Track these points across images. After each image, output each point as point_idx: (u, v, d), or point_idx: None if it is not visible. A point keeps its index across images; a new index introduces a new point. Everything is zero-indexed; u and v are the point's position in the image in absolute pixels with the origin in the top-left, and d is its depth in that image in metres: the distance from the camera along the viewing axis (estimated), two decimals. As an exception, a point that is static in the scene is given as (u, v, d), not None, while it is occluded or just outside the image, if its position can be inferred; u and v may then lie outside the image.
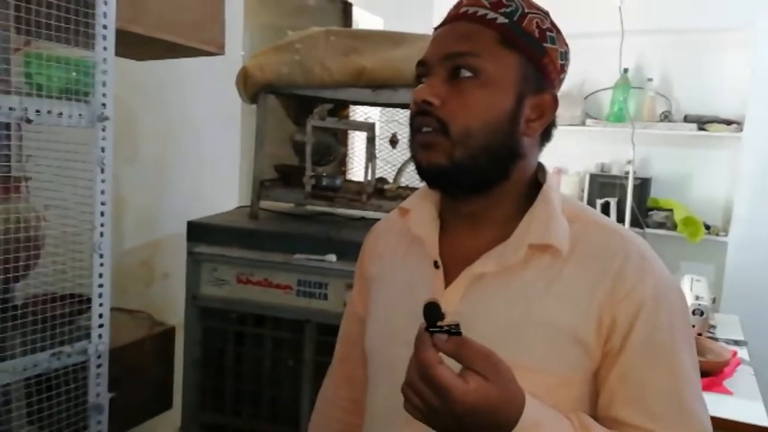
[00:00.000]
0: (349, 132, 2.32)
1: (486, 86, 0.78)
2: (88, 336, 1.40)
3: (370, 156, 1.68)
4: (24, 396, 1.42)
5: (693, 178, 3.75)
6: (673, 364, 0.77)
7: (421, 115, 0.80)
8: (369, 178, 1.70)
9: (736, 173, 3.56)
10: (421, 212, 0.90)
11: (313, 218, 1.84)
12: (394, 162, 1.88)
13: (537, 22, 0.81)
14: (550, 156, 0.88)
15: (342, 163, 2.33)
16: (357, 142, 2.53)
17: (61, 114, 1.22)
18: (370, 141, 1.66)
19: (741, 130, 3.49)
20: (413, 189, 1.87)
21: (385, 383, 0.86)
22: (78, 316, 1.43)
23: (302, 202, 1.70)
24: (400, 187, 1.80)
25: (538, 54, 0.81)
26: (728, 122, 3.55)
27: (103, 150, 1.31)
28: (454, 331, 0.65)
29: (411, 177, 1.99)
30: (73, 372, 1.40)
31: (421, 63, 0.83)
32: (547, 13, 0.83)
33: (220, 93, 2.28)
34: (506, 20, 0.79)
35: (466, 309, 0.81)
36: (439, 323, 0.66)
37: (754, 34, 3.38)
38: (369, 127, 1.67)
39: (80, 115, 1.25)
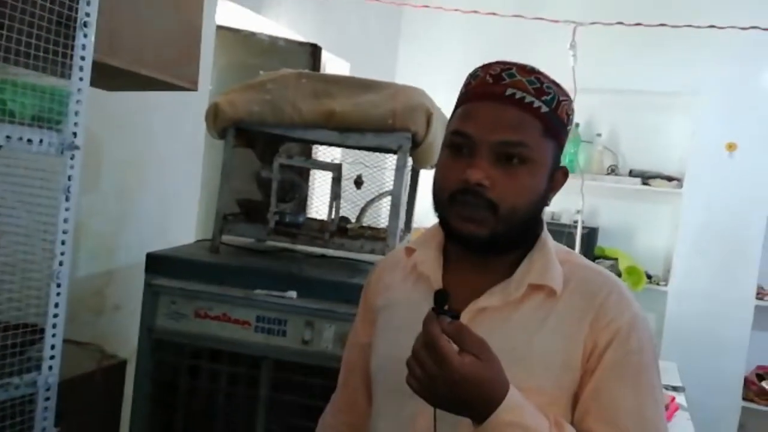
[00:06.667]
0: (311, 171, 2.35)
1: (532, 172, 0.89)
2: (38, 367, 1.36)
3: (335, 195, 1.72)
4: (-36, 429, 1.36)
5: (637, 229, 3.93)
6: (639, 384, 0.89)
7: (468, 194, 0.88)
8: (333, 216, 1.73)
9: (677, 227, 3.75)
10: (427, 252, 1.00)
11: (274, 254, 1.85)
12: (356, 202, 1.92)
13: (566, 109, 0.93)
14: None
15: (303, 201, 2.35)
16: (318, 181, 2.56)
17: (30, 141, 1.20)
18: (336, 181, 1.70)
19: (681, 187, 3.70)
20: (375, 229, 1.91)
21: (389, 405, 0.98)
22: (29, 347, 1.39)
23: (265, 237, 1.71)
24: (362, 227, 1.83)
25: (564, 138, 0.94)
26: (670, 178, 3.75)
27: (69, 178, 1.30)
28: (454, 315, 0.81)
29: (372, 217, 2.03)
30: (20, 405, 1.36)
31: (461, 133, 0.91)
32: (569, 96, 0.94)
33: (185, 126, 2.29)
34: (547, 109, 0.90)
35: None
36: (444, 308, 0.80)
37: (696, 100, 3.64)
38: (335, 168, 1.70)
39: (50, 143, 1.24)
